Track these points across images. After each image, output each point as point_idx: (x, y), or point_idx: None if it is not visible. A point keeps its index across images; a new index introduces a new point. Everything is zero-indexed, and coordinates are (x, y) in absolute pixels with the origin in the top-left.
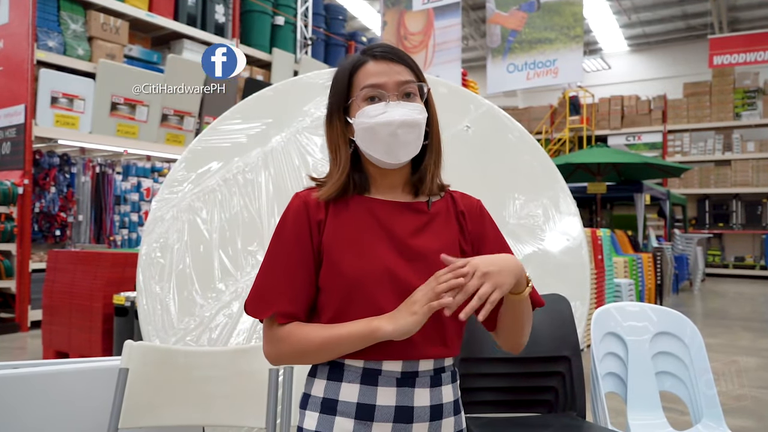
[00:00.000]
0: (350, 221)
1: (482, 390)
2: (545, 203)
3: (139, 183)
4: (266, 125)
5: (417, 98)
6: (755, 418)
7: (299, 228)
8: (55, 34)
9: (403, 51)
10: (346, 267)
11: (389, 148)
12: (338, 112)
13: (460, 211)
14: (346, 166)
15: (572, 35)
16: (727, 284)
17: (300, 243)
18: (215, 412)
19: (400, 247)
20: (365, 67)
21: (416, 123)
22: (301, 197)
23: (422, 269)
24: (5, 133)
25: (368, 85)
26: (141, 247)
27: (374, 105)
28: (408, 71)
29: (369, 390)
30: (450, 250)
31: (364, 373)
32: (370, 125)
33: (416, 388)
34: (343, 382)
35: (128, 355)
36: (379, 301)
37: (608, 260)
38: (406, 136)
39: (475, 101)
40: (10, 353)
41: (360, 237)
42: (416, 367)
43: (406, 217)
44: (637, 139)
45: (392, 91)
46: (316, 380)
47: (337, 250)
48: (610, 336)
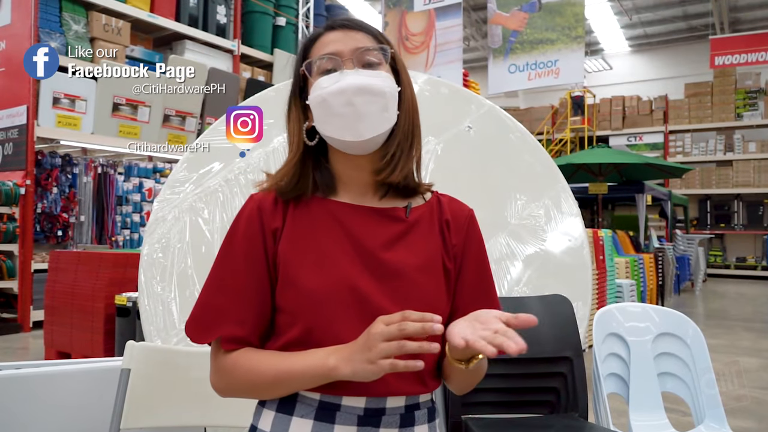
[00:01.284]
0: (310, 229)
1: (483, 391)
2: (547, 203)
3: (140, 183)
4: (268, 126)
5: (383, 68)
6: (756, 419)
7: (251, 237)
8: (56, 35)
9: (364, 22)
10: (304, 284)
11: (345, 122)
12: (294, 95)
13: (445, 220)
14: (298, 150)
15: (573, 36)
16: (729, 285)
17: (250, 255)
18: (217, 413)
19: (368, 262)
20: (321, 39)
21: (377, 90)
22: (256, 200)
23: (396, 289)
24: (7, 133)
25: (322, 54)
26: (143, 247)
27: (328, 76)
28: (369, 38)
29: (324, 428)
30: (430, 267)
31: (319, 406)
32: (322, 97)
33: (381, 428)
34: (294, 416)
35: (130, 356)
36: (341, 327)
37: (610, 261)
38: (366, 107)
39: (476, 101)
40: (12, 353)
41: (321, 248)
42: (383, 403)
43: (377, 226)
44: (639, 139)
45: (348, 57)
46: (264, 410)
47: (293, 263)
48: (612, 337)
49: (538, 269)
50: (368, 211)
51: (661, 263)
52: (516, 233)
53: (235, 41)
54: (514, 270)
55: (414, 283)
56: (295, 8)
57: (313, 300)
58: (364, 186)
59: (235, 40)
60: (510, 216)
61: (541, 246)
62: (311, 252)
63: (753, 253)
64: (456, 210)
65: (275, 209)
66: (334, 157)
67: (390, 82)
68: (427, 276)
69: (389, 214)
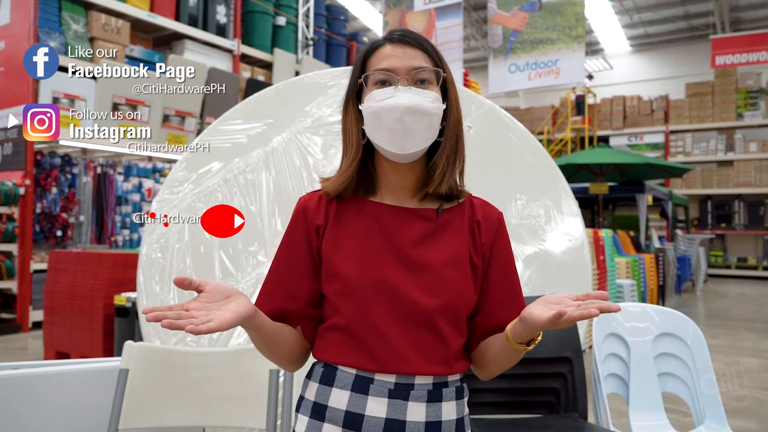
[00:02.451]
0: (350, 227)
1: (483, 391)
2: (547, 204)
3: (140, 183)
4: (267, 125)
5: (433, 87)
6: (757, 420)
7: (295, 233)
8: (56, 34)
9: (424, 37)
10: (342, 275)
11: (393, 136)
12: (352, 97)
13: (477, 221)
14: (357, 154)
15: (574, 35)
16: (730, 285)
17: (292, 248)
18: (215, 413)
19: (400, 257)
20: (380, 51)
21: (425, 111)
22: (303, 201)
23: (424, 281)
24: (7, 133)
25: (379, 68)
26: (141, 247)
27: (382, 89)
28: (424, 56)
29: (359, 398)
30: (457, 262)
31: (355, 380)
32: (375, 110)
33: (410, 401)
34: (334, 387)
35: (128, 356)
36: (375, 312)
37: (610, 261)
38: (413, 125)
39: (476, 101)
40: (11, 354)
41: (359, 244)
42: (412, 380)
43: (411, 225)
44: (639, 139)
45: (403, 75)
46: (310, 383)
47: (334, 257)
48: (612, 337)
49: (539, 269)
50: (403, 211)
51: (661, 263)
52: (516, 233)
53: (235, 41)
54: None
55: (441, 275)
56: (295, 8)
57: (351, 289)
58: (404, 189)
59: (235, 40)
60: (510, 216)
61: (541, 246)
62: (350, 248)
63: (754, 253)
64: (487, 212)
65: (318, 208)
66: (379, 161)
67: (438, 102)
68: (454, 270)
69: (422, 214)
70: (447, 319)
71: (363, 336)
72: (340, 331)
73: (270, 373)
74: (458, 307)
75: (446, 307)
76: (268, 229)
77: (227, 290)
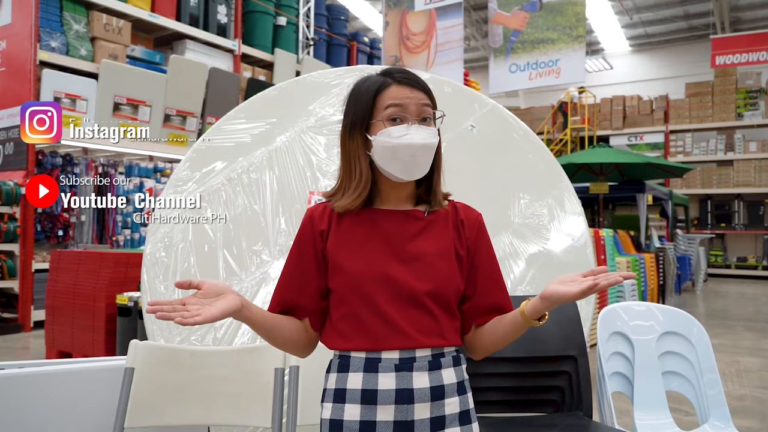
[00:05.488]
0: (352, 230)
1: (488, 390)
2: (550, 203)
3: (141, 183)
4: (270, 125)
5: (432, 123)
6: (758, 419)
7: (302, 238)
8: (57, 34)
9: (421, 78)
10: (347, 270)
11: (406, 167)
12: (360, 127)
13: (460, 219)
14: (367, 180)
15: (574, 35)
16: (730, 285)
17: (300, 252)
18: (220, 412)
19: (397, 252)
20: (389, 90)
21: (432, 147)
22: (310, 211)
23: (417, 269)
24: (8, 133)
25: (393, 104)
26: (145, 246)
27: (397, 126)
28: (426, 97)
29: (371, 377)
30: (444, 254)
31: (366, 362)
32: (392, 145)
33: (414, 372)
34: (350, 372)
35: (134, 355)
36: (377, 300)
37: (611, 260)
38: (422, 158)
39: (479, 100)
40: (13, 353)
41: (360, 243)
42: (413, 354)
43: (404, 224)
44: (639, 139)
45: (414, 114)
46: (330, 375)
47: (339, 255)
48: (617, 335)
49: (542, 268)
50: (397, 213)
51: (662, 263)
52: (519, 232)
53: (236, 41)
54: (517, 269)
55: (431, 264)
56: (296, 8)
57: (355, 281)
58: (399, 198)
59: (235, 40)
60: (513, 215)
61: (544, 245)
62: (352, 246)
63: (754, 253)
64: (468, 213)
65: (323, 216)
66: (379, 178)
67: (437, 136)
68: (441, 260)
69: (412, 215)
70: (437, 301)
71: (367, 320)
72: (348, 318)
73: (275, 371)
74: (446, 291)
75: (435, 290)
76: (272, 228)
77: (221, 288)
